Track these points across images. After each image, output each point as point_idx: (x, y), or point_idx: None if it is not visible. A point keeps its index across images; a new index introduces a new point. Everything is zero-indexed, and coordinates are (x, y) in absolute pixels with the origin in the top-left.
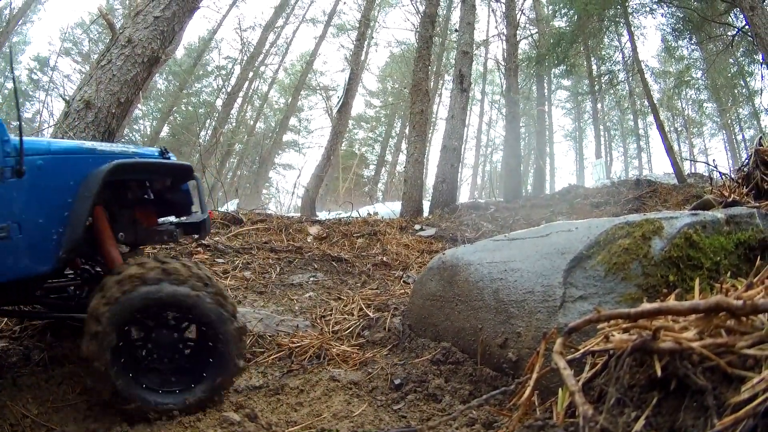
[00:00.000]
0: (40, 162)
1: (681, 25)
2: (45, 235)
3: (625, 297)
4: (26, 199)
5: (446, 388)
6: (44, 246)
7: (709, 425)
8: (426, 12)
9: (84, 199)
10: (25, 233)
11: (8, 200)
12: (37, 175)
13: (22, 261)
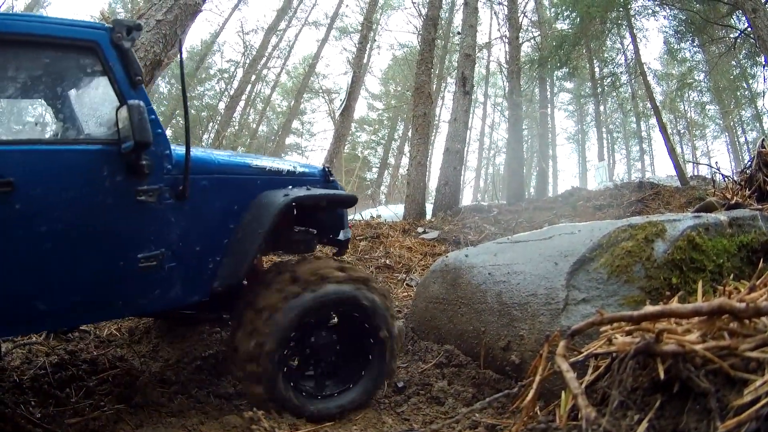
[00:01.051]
0: (204, 183)
1: (683, 28)
2: (200, 264)
3: (627, 299)
4: (185, 224)
5: (449, 391)
6: (198, 277)
7: (712, 428)
8: (428, 15)
9: (255, 235)
10: (179, 262)
11: (164, 224)
12: (199, 198)
13: (172, 292)
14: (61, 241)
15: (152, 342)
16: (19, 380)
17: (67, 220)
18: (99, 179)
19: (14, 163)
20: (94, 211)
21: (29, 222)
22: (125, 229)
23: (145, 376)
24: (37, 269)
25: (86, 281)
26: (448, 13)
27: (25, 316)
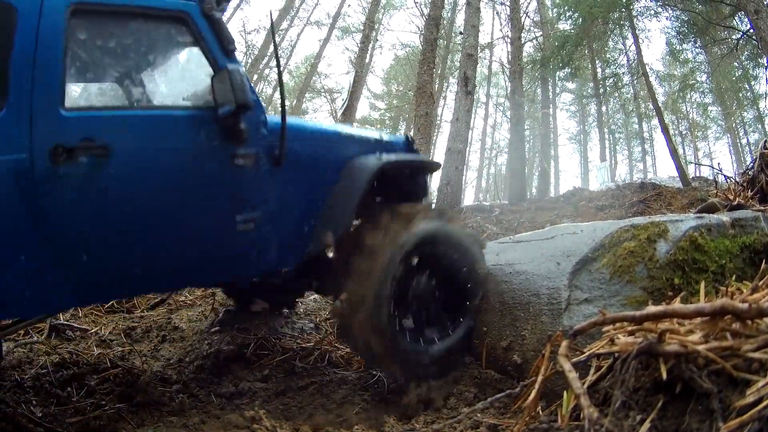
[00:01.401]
0: (299, 148)
1: (686, 29)
2: (296, 228)
3: (630, 300)
4: (281, 188)
5: (451, 391)
6: (293, 241)
7: (714, 428)
8: (430, 15)
9: (349, 198)
10: (275, 226)
11: (261, 188)
12: (295, 163)
13: (268, 256)
14: (159, 204)
15: (153, 341)
16: (21, 379)
17: (164, 184)
18: (195, 144)
19: (110, 128)
20: (191, 175)
21: (126, 186)
22: (223, 192)
23: (147, 375)
24: (136, 233)
25: (184, 244)
26: (451, 12)
27: (126, 279)
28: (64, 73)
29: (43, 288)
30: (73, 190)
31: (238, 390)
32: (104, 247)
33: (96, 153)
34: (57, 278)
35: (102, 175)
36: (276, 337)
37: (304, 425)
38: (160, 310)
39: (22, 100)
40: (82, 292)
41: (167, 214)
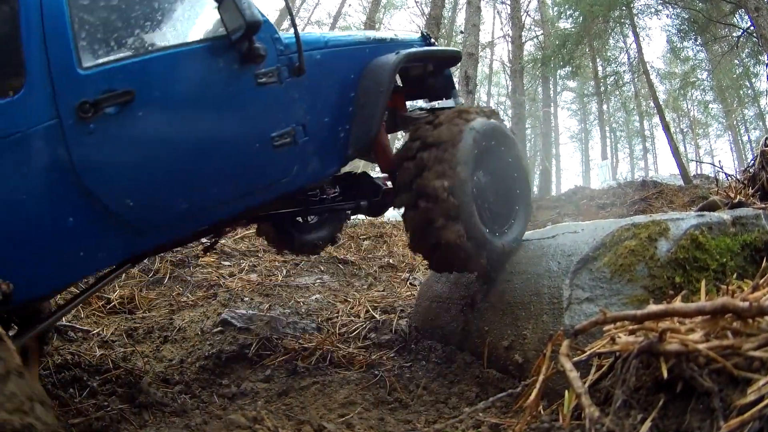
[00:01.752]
0: (318, 57)
1: (686, 26)
2: (331, 134)
3: (631, 299)
4: (308, 98)
5: (453, 391)
6: (331, 147)
7: (716, 427)
8: (431, 14)
9: (376, 94)
10: (311, 135)
11: (289, 102)
12: (316, 72)
13: (310, 166)
14: (193, 137)
15: (155, 342)
16: None
17: (191, 116)
18: (216, 72)
19: (129, 74)
20: (219, 103)
21: (157, 124)
22: (252, 112)
23: (149, 376)
24: (176, 169)
25: (225, 171)
26: (451, 12)
27: (174, 219)
28: (74, 37)
29: (93, 245)
30: (107, 139)
31: (240, 390)
32: (147, 189)
33: (121, 100)
34: (105, 232)
35: (132, 119)
36: (278, 337)
37: (306, 425)
38: (162, 311)
39: (39, 73)
40: (132, 242)
41: (203, 145)
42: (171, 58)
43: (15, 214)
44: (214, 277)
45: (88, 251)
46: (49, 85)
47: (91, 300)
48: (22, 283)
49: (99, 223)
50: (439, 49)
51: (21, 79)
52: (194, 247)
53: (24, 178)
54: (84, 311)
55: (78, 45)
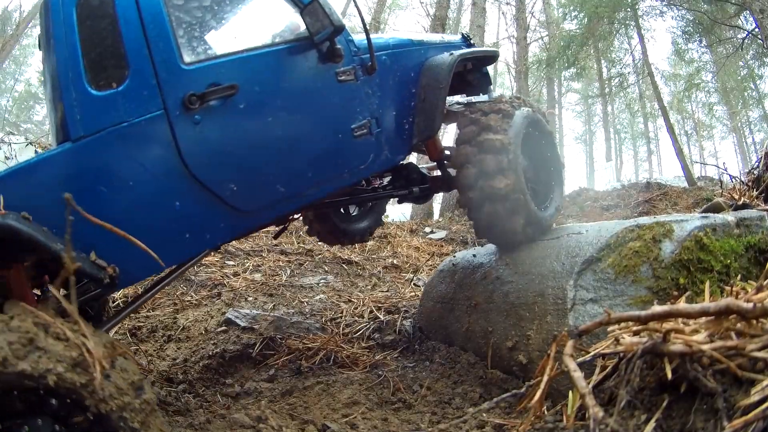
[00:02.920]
0: (384, 57)
1: (691, 28)
2: (399, 126)
3: (635, 300)
4: (379, 94)
5: (457, 391)
6: (399, 137)
7: (720, 428)
8: (436, 15)
9: (437, 90)
10: (383, 127)
11: (363, 97)
12: (384, 70)
13: (383, 154)
14: (286, 128)
15: (159, 341)
16: None
17: (286, 109)
18: (304, 70)
19: (231, 71)
20: (308, 98)
21: (256, 116)
22: (335, 106)
23: (153, 375)
24: (273, 156)
25: (315, 158)
26: (456, 13)
27: (272, 201)
28: (174, 36)
29: (199, 227)
30: (212, 129)
31: (244, 390)
32: (248, 175)
33: (225, 93)
34: (211, 214)
35: (234, 111)
36: (282, 336)
37: (310, 425)
38: (166, 310)
39: (142, 67)
40: (234, 223)
41: (295, 135)
42: (266, 56)
43: (123, 200)
44: (218, 276)
45: (195, 233)
46: (153, 78)
47: None
48: (130, 267)
49: (204, 207)
50: (482, 50)
51: (122, 72)
52: None
53: (132, 166)
54: None
55: (178, 42)
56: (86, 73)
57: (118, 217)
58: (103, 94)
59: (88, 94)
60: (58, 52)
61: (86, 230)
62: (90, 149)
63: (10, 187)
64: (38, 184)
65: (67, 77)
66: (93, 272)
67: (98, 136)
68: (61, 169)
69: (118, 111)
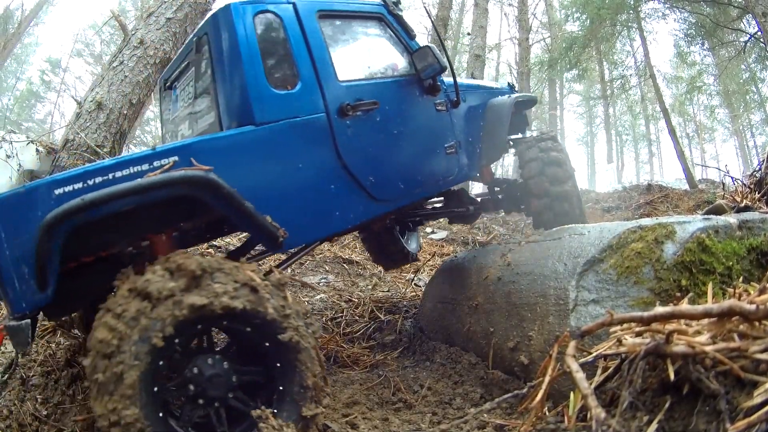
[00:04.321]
0: (462, 95)
1: (693, 31)
2: (473, 150)
3: (637, 301)
4: (461, 123)
5: (457, 391)
6: (472, 158)
7: (722, 429)
8: (438, 15)
9: (500, 124)
10: (463, 148)
11: (451, 124)
12: (463, 105)
13: (463, 169)
14: (405, 139)
15: None
16: (26, 377)
17: (405, 126)
18: (416, 97)
19: (369, 90)
20: (418, 119)
21: (387, 126)
22: (435, 128)
23: None
24: (397, 158)
25: (422, 165)
26: (458, 13)
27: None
28: (331, 58)
29: (345, 206)
30: (357, 132)
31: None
32: (381, 170)
33: (369, 107)
34: (355, 198)
35: (373, 121)
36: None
37: None
38: None
39: (310, 77)
40: (369, 207)
41: (411, 145)
42: (393, 84)
43: (292, 176)
44: None
45: (343, 212)
46: (318, 88)
47: None
48: (296, 232)
49: (351, 191)
50: (528, 95)
51: (294, 78)
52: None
53: (301, 151)
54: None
55: (333, 63)
56: (267, 75)
57: (288, 189)
58: (281, 93)
59: (270, 91)
60: (243, 56)
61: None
62: (271, 132)
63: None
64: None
65: (251, 76)
66: (272, 231)
67: (278, 123)
68: (246, 144)
69: (293, 107)
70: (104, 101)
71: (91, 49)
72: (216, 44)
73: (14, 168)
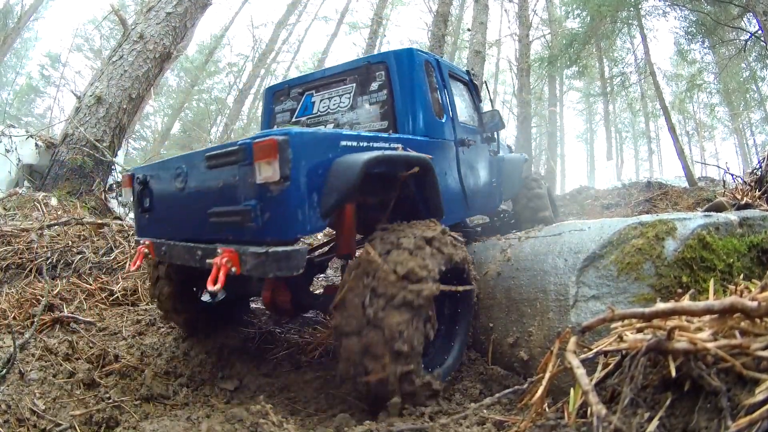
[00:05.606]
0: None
1: (694, 29)
2: (498, 189)
3: (638, 297)
4: (495, 167)
5: (457, 387)
6: (498, 195)
7: (723, 427)
8: (439, 11)
9: (517, 175)
10: (497, 186)
11: (494, 166)
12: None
13: (496, 202)
14: (480, 170)
15: (158, 334)
16: (24, 371)
17: (479, 162)
18: (482, 143)
19: (465, 132)
20: (483, 158)
21: (472, 158)
22: (491, 168)
23: (151, 368)
24: (476, 183)
25: (487, 190)
26: (459, 9)
27: (475, 205)
28: (454, 105)
29: (457, 208)
30: (464, 158)
31: (243, 384)
32: (471, 187)
33: (468, 144)
34: (460, 203)
35: (470, 153)
36: (281, 331)
37: (310, 420)
38: None
39: (449, 114)
40: (466, 213)
41: (482, 174)
42: (475, 130)
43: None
44: None
45: (456, 211)
46: (452, 122)
47: (94, 291)
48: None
49: (460, 198)
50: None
51: (442, 113)
52: None
53: (446, 162)
54: (87, 303)
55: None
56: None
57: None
58: (438, 120)
59: (434, 117)
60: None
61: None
62: (437, 145)
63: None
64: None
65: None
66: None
67: (438, 140)
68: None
69: (443, 132)
70: (104, 96)
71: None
72: (399, 74)
73: (13, 162)
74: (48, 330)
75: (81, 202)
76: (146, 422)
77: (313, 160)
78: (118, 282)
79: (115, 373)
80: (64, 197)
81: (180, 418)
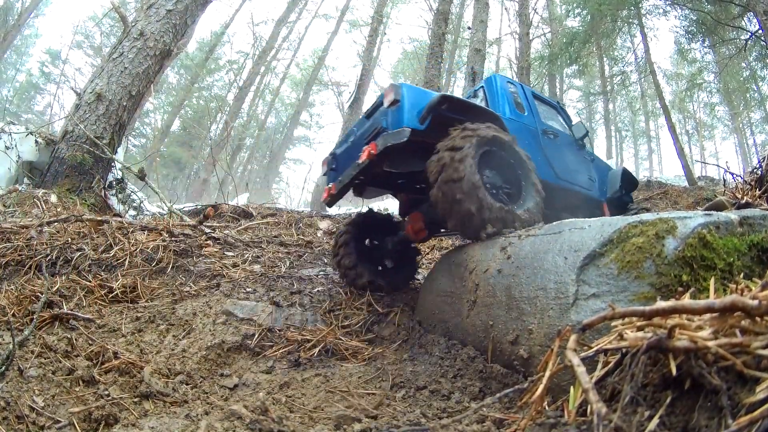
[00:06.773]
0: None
1: (694, 28)
2: (595, 185)
3: (638, 296)
4: (586, 165)
5: (456, 385)
6: (602, 191)
7: (724, 425)
8: (439, 9)
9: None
10: (595, 183)
11: (590, 167)
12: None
13: (599, 193)
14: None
15: (157, 331)
16: (23, 368)
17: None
18: (575, 148)
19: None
20: (572, 154)
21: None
22: (585, 168)
23: (150, 365)
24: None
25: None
26: (459, 8)
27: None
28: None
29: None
30: (547, 147)
31: (242, 381)
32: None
33: (551, 135)
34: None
35: (552, 144)
36: (280, 328)
37: (309, 418)
38: (164, 300)
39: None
40: (555, 179)
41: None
42: (562, 132)
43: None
44: (217, 267)
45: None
46: (534, 117)
47: (94, 288)
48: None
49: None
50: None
51: (523, 110)
52: (197, 237)
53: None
54: (86, 300)
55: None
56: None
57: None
58: (519, 114)
59: (516, 114)
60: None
61: None
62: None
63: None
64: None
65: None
66: None
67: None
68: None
69: (527, 124)
70: (104, 93)
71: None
72: (490, 92)
73: (13, 159)
74: (47, 327)
75: (81, 199)
76: (145, 419)
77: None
78: (118, 279)
79: (114, 370)
80: (63, 194)
81: (179, 416)
